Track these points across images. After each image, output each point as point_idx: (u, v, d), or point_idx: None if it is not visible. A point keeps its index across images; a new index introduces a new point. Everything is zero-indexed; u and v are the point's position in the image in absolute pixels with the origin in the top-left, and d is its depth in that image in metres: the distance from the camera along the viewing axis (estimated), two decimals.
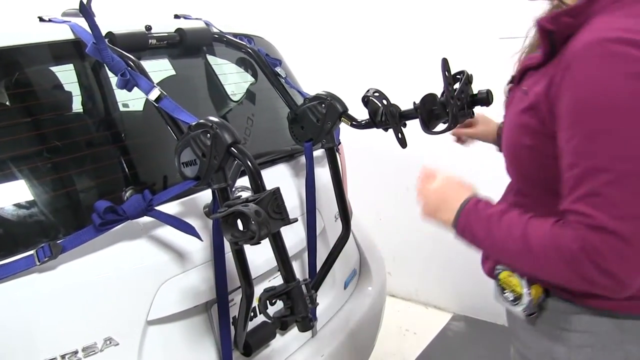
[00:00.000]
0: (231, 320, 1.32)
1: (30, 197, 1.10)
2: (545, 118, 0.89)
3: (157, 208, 1.15)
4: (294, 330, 1.51)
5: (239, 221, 1.01)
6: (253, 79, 1.75)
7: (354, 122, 1.43)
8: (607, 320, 0.94)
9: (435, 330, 2.71)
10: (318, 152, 1.61)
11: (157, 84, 1.30)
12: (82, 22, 1.29)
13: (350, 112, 1.45)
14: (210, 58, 1.68)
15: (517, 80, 1.01)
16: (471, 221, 0.96)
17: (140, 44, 1.38)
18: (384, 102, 1.33)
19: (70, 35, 1.30)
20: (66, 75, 1.30)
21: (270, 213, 1.03)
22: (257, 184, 1.09)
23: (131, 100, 1.42)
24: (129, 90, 1.21)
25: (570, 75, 0.83)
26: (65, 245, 1.06)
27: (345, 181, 1.81)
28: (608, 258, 0.79)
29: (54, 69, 1.32)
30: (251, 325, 1.37)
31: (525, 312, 1.00)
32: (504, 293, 1.03)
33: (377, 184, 2.79)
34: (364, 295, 1.82)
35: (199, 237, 1.18)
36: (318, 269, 1.56)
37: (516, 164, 1.00)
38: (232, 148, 1.10)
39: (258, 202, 1.01)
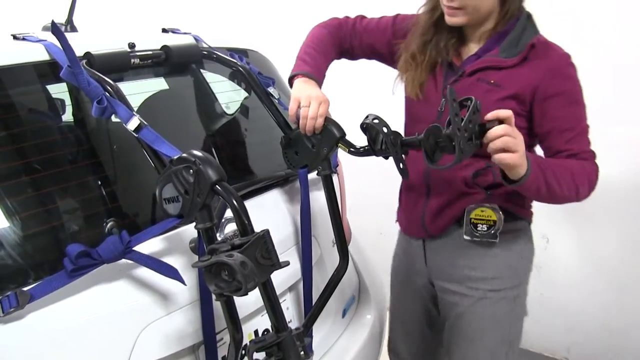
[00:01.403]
0: None
1: None
2: (526, 103, 1.27)
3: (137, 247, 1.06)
4: None
5: (224, 270, 0.91)
6: (246, 94, 1.66)
7: (351, 149, 1.33)
8: (528, 225, 1.44)
9: None
10: (313, 174, 1.52)
11: (145, 100, 1.21)
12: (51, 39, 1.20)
13: (347, 136, 1.36)
14: (201, 73, 1.59)
15: (467, 74, 1.30)
16: (541, 167, 1.19)
17: (122, 64, 1.28)
18: (384, 129, 1.23)
19: (45, 56, 1.21)
20: (39, 99, 1.21)
21: (258, 259, 0.94)
22: (243, 226, 1.00)
23: None
24: (107, 118, 1.11)
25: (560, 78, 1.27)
26: (34, 293, 0.96)
27: (343, 199, 1.72)
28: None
29: (27, 92, 1.22)
30: None
31: (496, 234, 1.32)
32: (477, 227, 1.33)
33: (378, 198, 2.69)
34: (363, 323, 1.73)
35: (183, 282, 1.08)
36: (314, 300, 1.47)
37: None
38: (217, 186, 1.00)
39: (244, 249, 0.91)
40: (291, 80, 1.39)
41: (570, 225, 2.39)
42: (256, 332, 1.37)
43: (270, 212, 1.44)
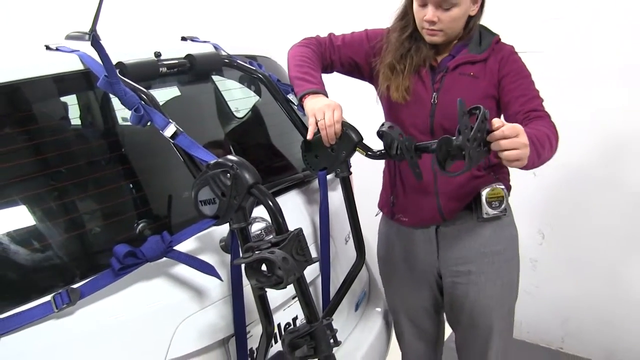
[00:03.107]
0: (248, 353, 1.30)
1: (45, 240, 1.07)
2: (496, 87, 1.50)
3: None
4: None
5: (263, 265, 0.99)
6: (258, 97, 1.73)
7: (369, 152, 1.41)
8: None
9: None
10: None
11: (163, 105, 1.25)
12: (89, 49, 1.26)
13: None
14: (217, 79, 1.65)
15: (451, 69, 1.50)
16: (532, 142, 1.27)
17: (152, 73, 1.35)
18: (400, 136, 1.33)
19: (79, 66, 1.27)
20: (76, 108, 1.27)
21: (294, 255, 1.02)
22: (279, 225, 1.08)
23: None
24: (143, 125, 1.18)
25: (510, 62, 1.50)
26: (84, 290, 1.03)
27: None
28: None
29: (65, 101, 1.29)
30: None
31: (506, 208, 1.53)
32: (492, 205, 1.51)
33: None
34: (373, 316, 1.82)
35: (219, 277, 1.16)
36: (331, 295, 1.55)
37: None
38: (253, 189, 1.08)
39: (283, 246, 0.99)
40: (301, 101, 1.47)
41: (565, 221, 2.49)
42: (279, 325, 1.45)
43: (290, 212, 1.52)
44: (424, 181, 1.51)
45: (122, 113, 1.30)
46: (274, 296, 1.31)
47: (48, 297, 1.01)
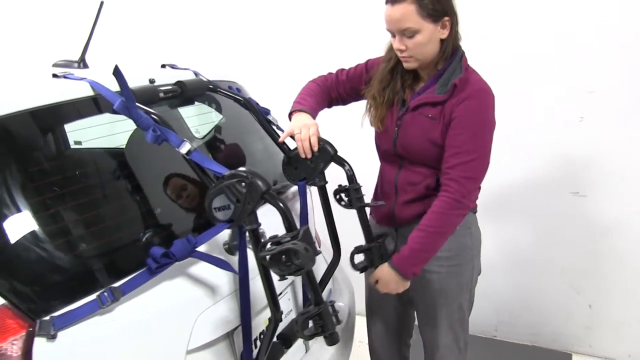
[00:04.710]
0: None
1: (87, 245, 1.21)
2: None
3: None
4: (292, 349, 1.68)
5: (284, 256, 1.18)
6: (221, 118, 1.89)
7: (345, 163, 1.66)
8: (474, 213, 1.81)
9: None
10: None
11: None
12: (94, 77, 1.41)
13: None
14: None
15: (411, 109, 1.65)
16: (411, 263, 1.63)
17: (153, 97, 1.51)
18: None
19: (90, 93, 1.41)
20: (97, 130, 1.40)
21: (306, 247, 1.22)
22: (289, 222, 1.27)
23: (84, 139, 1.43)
24: (158, 144, 1.34)
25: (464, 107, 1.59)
26: (124, 288, 1.18)
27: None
28: None
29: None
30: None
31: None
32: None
33: None
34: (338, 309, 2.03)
35: (236, 272, 1.33)
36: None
37: (435, 158, 1.64)
38: (266, 194, 1.27)
39: (299, 239, 1.19)
40: (290, 117, 1.69)
41: (489, 220, 2.83)
42: (269, 319, 1.62)
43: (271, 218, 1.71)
44: (387, 191, 1.77)
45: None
46: (261, 294, 1.48)
47: (93, 296, 1.15)
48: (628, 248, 2.61)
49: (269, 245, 1.23)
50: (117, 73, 1.32)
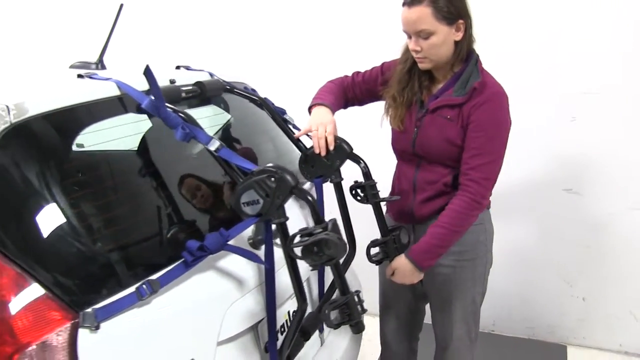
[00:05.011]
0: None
1: (125, 240, 1.25)
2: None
3: None
4: (308, 342, 1.72)
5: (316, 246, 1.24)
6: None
7: (360, 160, 1.71)
8: (487, 209, 1.88)
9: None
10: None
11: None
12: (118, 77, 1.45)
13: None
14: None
15: (430, 111, 1.73)
16: (427, 257, 1.72)
17: (177, 97, 1.55)
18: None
19: (117, 92, 1.44)
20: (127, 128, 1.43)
21: None
22: (318, 215, 1.32)
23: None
24: (187, 141, 1.38)
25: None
26: (162, 281, 1.21)
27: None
28: None
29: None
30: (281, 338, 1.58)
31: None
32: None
33: None
34: None
35: (264, 263, 1.38)
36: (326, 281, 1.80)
37: (453, 156, 1.73)
38: (295, 189, 1.32)
39: (331, 230, 1.24)
40: (310, 110, 1.74)
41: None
42: (289, 312, 1.68)
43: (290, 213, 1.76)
44: (405, 189, 1.84)
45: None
46: (282, 288, 1.54)
47: (132, 289, 1.18)
48: (619, 243, 2.72)
49: (298, 238, 1.28)
50: (147, 73, 1.36)
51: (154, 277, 1.22)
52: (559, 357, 2.83)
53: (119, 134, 1.37)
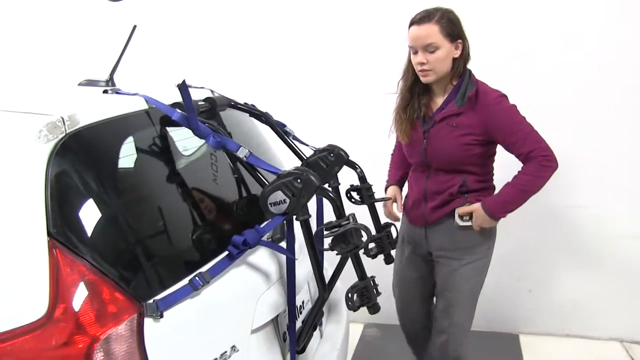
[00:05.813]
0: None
1: (177, 238, 1.37)
2: (478, 135, 1.97)
3: None
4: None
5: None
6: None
7: (356, 166, 1.92)
8: None
9: (354, 340, 3.16)
10: None
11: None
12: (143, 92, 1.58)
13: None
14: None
15: (437, 121, 2.01)
16: (500, 210, 2.01)
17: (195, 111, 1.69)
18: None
19: (145, 106, 1.56)
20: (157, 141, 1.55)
21: None
22: (340, 211, 1.51)
23: None
24: (218, 149, 1.52)
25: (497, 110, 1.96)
26: (211, 273, 1.34)
27: None
28: None
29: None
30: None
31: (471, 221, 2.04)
32: (463, 218, 2.04)
33: None
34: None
35: (293, 256, 1.54)
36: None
37: (460, 159, 2.01)
38: (318, 188, 1.49)
39: (356, 222, 1.43)
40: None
41: None
42: (302, 302, 1.84)
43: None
44: (417, 198, 2.13)
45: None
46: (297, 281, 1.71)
47: (185, 281, 1.31)
48: (561, 239, 3.06)
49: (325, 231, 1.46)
50: (183, 87, 1.49)
51: (204, 269, 1.35)
52: (512, 345, 3.13)
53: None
